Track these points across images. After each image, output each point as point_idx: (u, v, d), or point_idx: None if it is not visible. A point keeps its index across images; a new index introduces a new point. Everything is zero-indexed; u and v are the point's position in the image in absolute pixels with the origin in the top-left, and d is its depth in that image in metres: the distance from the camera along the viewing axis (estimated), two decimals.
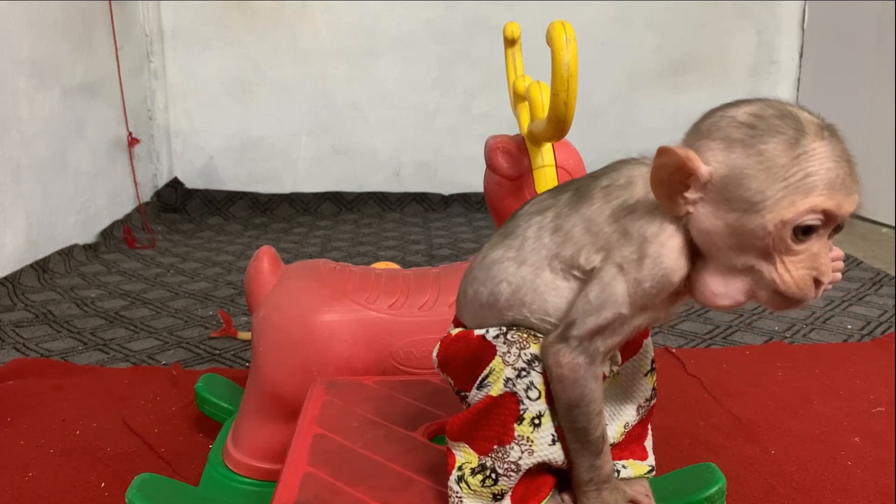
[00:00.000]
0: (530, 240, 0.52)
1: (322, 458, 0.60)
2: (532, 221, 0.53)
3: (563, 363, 0.50)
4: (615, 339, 0.50)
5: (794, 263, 0.44)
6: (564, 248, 0.51)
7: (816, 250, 0.44)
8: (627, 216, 0.48)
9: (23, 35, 1.77)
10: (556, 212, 0.52)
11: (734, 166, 0.44)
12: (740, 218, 0.44)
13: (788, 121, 0.44)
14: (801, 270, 0.45)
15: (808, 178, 0.43)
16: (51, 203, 1.87)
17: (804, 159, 0.43)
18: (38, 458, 0.94)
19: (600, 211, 0.50)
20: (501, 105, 1.25)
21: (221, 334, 1.37)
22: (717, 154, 0.45)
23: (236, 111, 2.55)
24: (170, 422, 1.03)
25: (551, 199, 0.53)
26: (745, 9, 2.58)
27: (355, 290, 0.81)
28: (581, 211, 0.51)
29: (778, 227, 0.43)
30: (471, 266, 0.57)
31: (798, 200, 0.43)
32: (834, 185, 0.43)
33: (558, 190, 0.54)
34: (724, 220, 0.45)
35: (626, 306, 0.48)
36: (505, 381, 0.52)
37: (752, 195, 0.43)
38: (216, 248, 2.08)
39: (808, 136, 0.43)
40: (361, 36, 2.53)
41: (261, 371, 0.82)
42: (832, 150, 0.43)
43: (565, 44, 0.62)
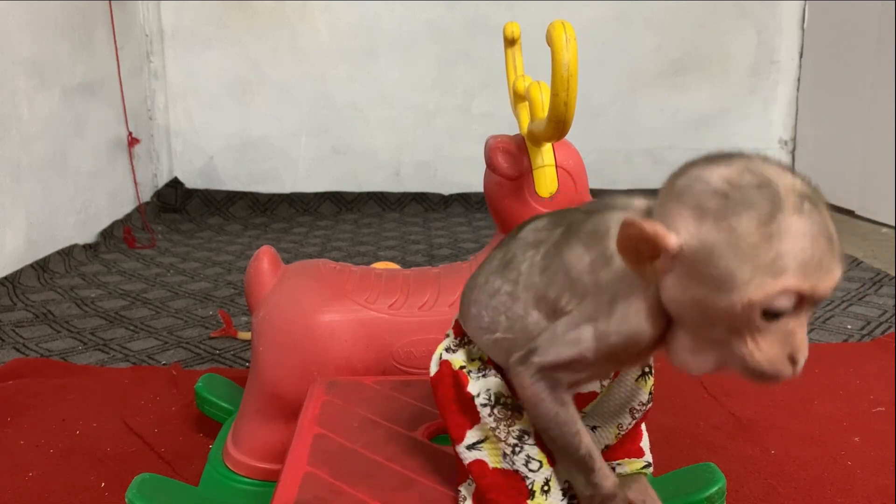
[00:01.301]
0: (524, 275, 0.52)
1: (322, 458, 0.60)
2: (527, 255, 0.52)
3: (525, 386, 0.50)
4: (578, 376, 0.49)
5: (765, 341, 0.42)
6: (549, 289, 0.50)
7: (791, 328, 0.42)
8: (603, 269, 0.47)
9: (23, 35, 1.77)
10: (547, 249, 0.51)
11: (704, 240, 0.41)
12: (708, 295, 0.41)
13: (765, 191, 0.40)
14: (774, 349, 0.42)
15: (780, 259, 0.39)
16: (51, 203, 1.87)
17: (777, 239, 0.39)
18: (38, 458, 0.94)
19: (581, 258, 0.49)
20: (501, 105, 1.25)
21: (221, 334, 1.37)
22: (688, 224, 0.42)
23: (236, 111, 2.55)
24: (170, 422, 1.03)
25: (546, 232, 0.52)
26: (745, 9, 2.58)
27: (355, 290, 0.81)
28: (565, 255, 0.50)
29: (746, 309, 0.40)
30: (474, 282, 0.57)
31: (768, 282, 0.39)
32: (808, 266, 0.40)
33: (555, 221, 0.53)
34: (692, 295, 0.42)
35: (590, 351, 0.47)
36: (503, 456, 0.53)
37: (720, 273, 0.40)
38: (216, 247, 2.08)
39: (784, 212, 0.40)
40: (361, 36, 2.53)
41: (261, 371, 0.82)
42: (810, 227, 0.40)
43: (565, 44, 0.62)
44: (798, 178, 0.42)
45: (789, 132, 2.67)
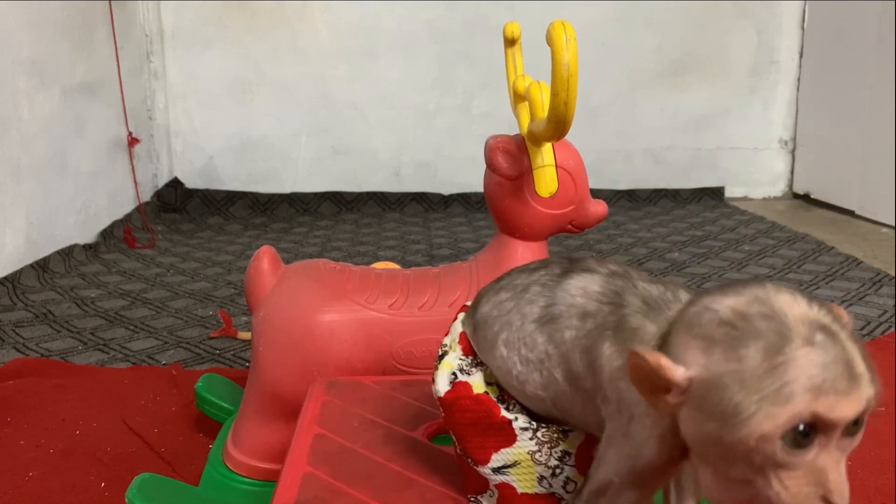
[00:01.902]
0: (566, 344, 0.48)
1: (322, 458, 0.60)
2: (573, 324, 0.48)
3: None
4: (622, 499, 0.46)
5: (792, 479, 0.38)
6: (587, 376, 0.47)
7: (822, 464, 0.37)
8: (622, 380, 0.44)
9: (23, 35, 1.77)
10: (591, 329, 0.47)
11: (713, 372, 0.38)
12: (721, 430, 0.38)
13: (773, 323, 0.38)
14: (803, 488, 0.38)
15: (786, 387, 0.37)
16: (51, 203, 1.87)
17: (783, 369, 0.37)
18: (38, 458, 0.94)
19: (615, 360, 0.45)
20: (501, 105, 1.25)
21: (221, 334, 1.37)
22: (696, 356, 0.39)
23: (236, 111, 2.55)
24: (170, 422, 1.03)
25: (596, 305, 0.48)
26: (745, 9, 2.58)
27: (355, 289, 0.81)
28: (604, 347, 0.46)
29: (760, 442, 0.37)
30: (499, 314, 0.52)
31: (776, 411, 0.36)
32: (820, 389, 0.37)
33: (607, 294, 0.48)
34: (706, 431, 0.39)
35: (615, 475, 0.45)
36: (539, 479, 0.51)
37: (727, 407, 0.37)
38: (216, 247, 2.08)
39: (792, 343, 0.37)
40: (361, 36, 2.53)
41: (261, 371, 0.82)
42: (822, 357, 0.37)
43: (565, 43, 0.62)
44: (815, 305, 0.39)
45: (789, 132, 2.67)
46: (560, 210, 0.80)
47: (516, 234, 0.82)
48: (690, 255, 1.91)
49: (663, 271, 1.77)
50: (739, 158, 2.68)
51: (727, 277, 1.71)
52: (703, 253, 1.93)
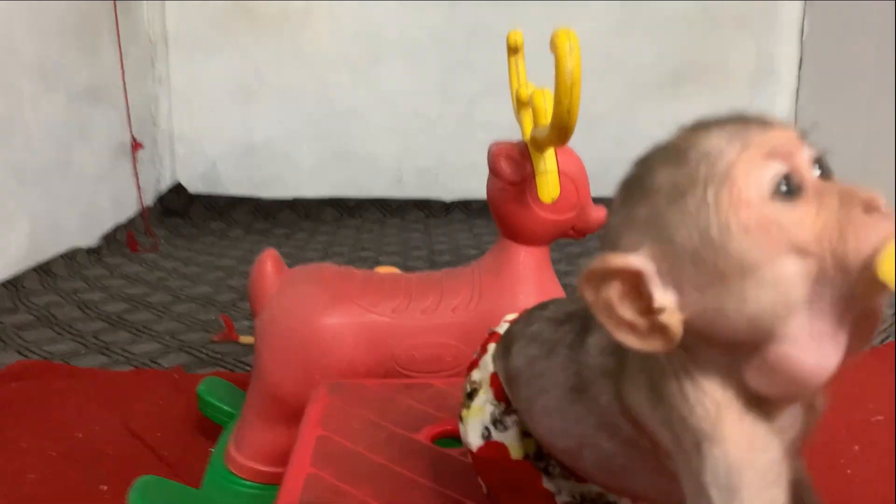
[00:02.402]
0: (603, 410, 0.40)
1: (325, 459, 0.60)
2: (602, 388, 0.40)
3: None
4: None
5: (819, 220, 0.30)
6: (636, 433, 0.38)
7: (821, 190, 0.31)
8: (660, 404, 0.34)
9: (29, 40, 1.78)
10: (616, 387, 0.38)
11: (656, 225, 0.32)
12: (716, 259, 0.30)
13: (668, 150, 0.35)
14: (834, 213, 0.31)
15: (709, 158, 0.32)
16: (54, 206, 1.88)
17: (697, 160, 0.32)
18: (40, 460, 0.94)
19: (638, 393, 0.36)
20: (503, 113, 1.25)
21: (223, 338, 1.37)
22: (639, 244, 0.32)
23: (239, 116, 2.56)
24: (171, 425, 1.03)
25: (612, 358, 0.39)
26: (744, 20, 2.59)
27: (358, 293, 0.82)
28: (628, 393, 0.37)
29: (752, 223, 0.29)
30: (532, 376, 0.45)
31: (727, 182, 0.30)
32: (740, 134, 0.32)
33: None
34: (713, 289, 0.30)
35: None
36: None
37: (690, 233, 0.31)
38: (218, 252, 2.08)
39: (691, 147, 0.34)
40: (364, 42, 2.54)
41: (263, 374, 0.82)
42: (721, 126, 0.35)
43: (569, 51, 0.63)
44: None
45: None
46: (562, 216, 0.81)
47: (518, 239, 0.82)
48: None
49: None
50: None
51: None
52: None
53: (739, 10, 2.58)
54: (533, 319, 0.47)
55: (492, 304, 0.81)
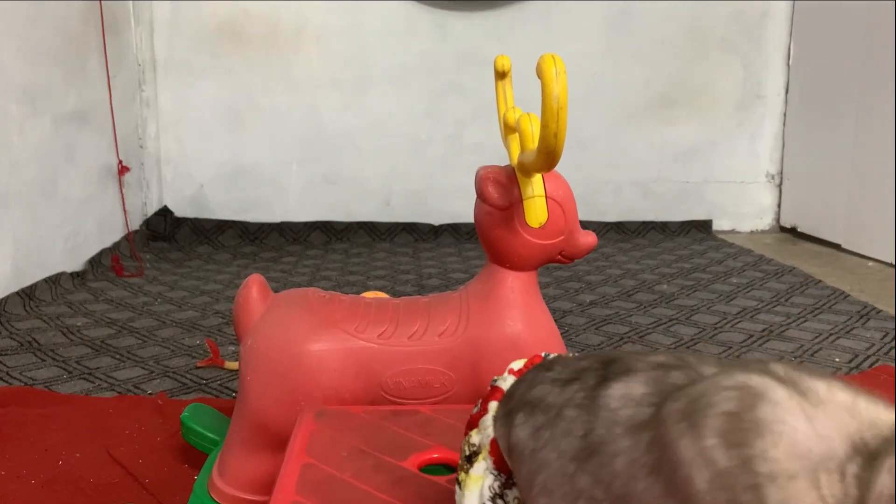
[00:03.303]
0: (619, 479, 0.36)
1: (310, 487, 0.59)
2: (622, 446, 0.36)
3: None
4: None
5: None
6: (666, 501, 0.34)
7: None
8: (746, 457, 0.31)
9: (16, 62, 1.77)
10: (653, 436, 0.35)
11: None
12: None
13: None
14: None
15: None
16: (39, 230, 1.86)
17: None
18: (20, 488, 0.92)
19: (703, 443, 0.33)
20: (492, 136, 1.26)
21: (208, 364, 1.36)
22: None
23: (227, 140, 2.56)
24: (155, 452, 1.02)
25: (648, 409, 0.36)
26: (732, 44, 2.62)
27: (344, 319, 0.81)
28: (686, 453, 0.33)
29: None
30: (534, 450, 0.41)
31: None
32: None
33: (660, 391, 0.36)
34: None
35: None
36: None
37: None
38: (204, 276, 2.07)
39: None
40: (354, 66, 2.55)
41: (248, 400, 0.81)
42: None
43: (555, 76, 0.63)
44: None
45: (776, 166, 2.70)
46: (550, 240, 0.80)
47: (506, 264, 0.82)
48: (679, 286, 1.92)
49: (651, 303, 1.77)
50: (727, 192, 2.70)
51: (716, 309, 1.71)
52: (691, 285, 1.94)
53: (726, 33, 2.61)
54: (536, 382, 0.43)
55: (479, 329, 0.80)
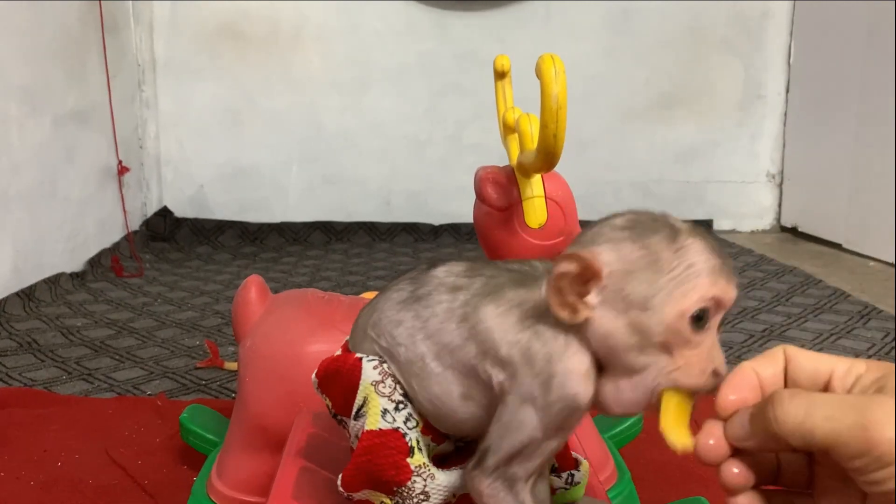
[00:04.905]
0: (437, 318, 0.50)
1: (307, 490, 0.59)
2: (443, 298, 0.51)
3: (482, 491, 0.48)
4: (533, 463, 0.48)
5: (694, 356, 0.44)
6: (467, 346, 0.49)
7: (710, 343, 0.45)
8: (530, 328, 0.47)
9: (15, 63, 1.77)
10: (467, 299, 0.50)
11: (625, 263, 0.44)
12: (639, 315, 0.44)
13: (661, 222, 0.45)
14: (701, 363, 0.44)
15: (692, 267, 0.43)
16: (38, 230, 1.86)
17: (684, 252, 0.44)
18: (18, 490, 0.92)
19: (503, 318, 0.48)
20: (492, 136, 1.25)
21: (208, 364, 1.36)
22: (607, 255, 0.45)
23: (227, 140, 2.55)
24: (154, 453, 1.01)
25: (465, 279, 0.51)
26: (732, 45, 2.62)
27: (343, 319, 0.81)
28: (488, 309, 0.49)
29: (676, 319, 0.43)
30: (376, 310, 0.55)
31: (688, 290, 0.43)
32: (716, 272, 0.44)
33: (473, 270, 0.52)
34: (625, 320, 0.44)
35: (538, 431, 0.47)
36: (382, 413, 0.51)
37: (646, 290, 0.44)
38: (204, 277, 2.07)
39: (682, 234, 0.45)
40: (353, 67, 2.55)
41: (247, 402, 0.81)
42: (706, 245, 0.45)
43: (555, 76, 0.62)
44: (683, 220, 0.47)
45: (777, 166, 2.69)
46: (549, 241, 0.80)
47: None
48: None
49: None
50: (727, 192, 2.70)
51: None
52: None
53: (726, 34, 2.61)
54: (376, 308, 0.55)
55: None
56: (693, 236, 0.45)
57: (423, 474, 0.51)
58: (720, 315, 0.45)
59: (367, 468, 0.51)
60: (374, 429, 0.51)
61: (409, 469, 0.51)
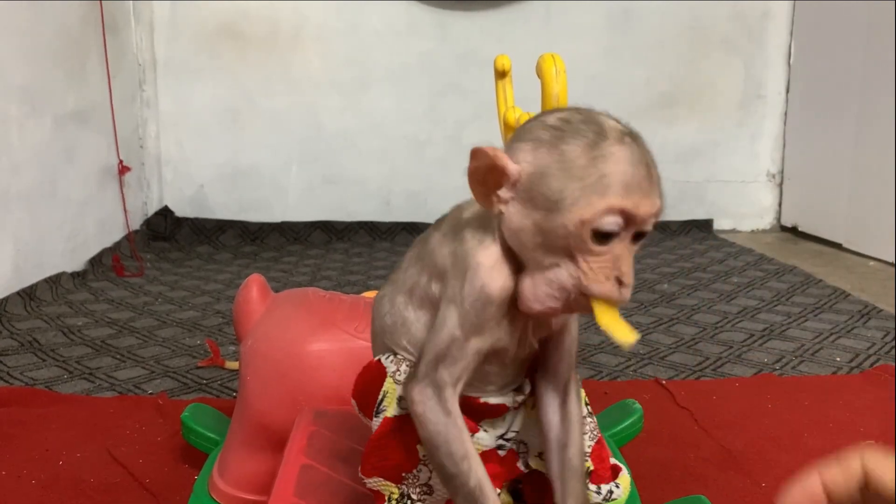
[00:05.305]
0: (401, 272, 0.55)
1: (309, 489, 0.59)
2: (406, 255, 0.56)
3: (413, 398, 0.49)
4: (458, 367, 0.49)
5: (596, 263, 0.45)
6: (421, 277, 0.53)
7: (619, 252, 0.45)
8: (457, 238, 0.51)
9: (16, 63, 1.77)
10: (421, 245, 0.55)
11: (539, 165, 0.46)
12: (545, 217, 0.45)
13: (591, 126, 0.46)
14: (604, 271, 0.45)
15: (604, 178, 0.44)
16: (39, 230, 1.86)
17: (601, 161, 0.44)
18: (20, 489, 0.92)
19: (442, 237, 0.52)
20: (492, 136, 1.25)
21: (209, 364, 1.36)
22: (526, 154, 0.46)
23: (227, 140, 2.55)
24: (155, 452, 1.02)
25: (423, 234, 0.56)
26: (733, 44, 2.62)
27: (344, 319, 0.81)
28: (431, 240, 0.53)
29: (577, 227, 0.44)
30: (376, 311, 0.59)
31: (595, 200, 0.44)
32: (630, 187, 0.44)
33: (433, 224, 0.57)
34: (532, 219, 0.46)
35: (456, 328, 0.49)
36: (399, 400, 0.52)
37: (553, 194, 0.45)
38: (205, 276, 2.07)
39: (607, 140, 0.45)
40: (353, 67, 2.55)
41: (248, 401, 0.81)
42: (630, 155, 0.45)
43: (555, 76, 0.63)
44: (621, 123, 0.47)
45: (777, 165, 2.69)
46: None
47: None
48: (679, 286, 1.92)
49: (652, 302, 1.77)
50: (727, 191, 2.70)
51: (716, 309, 1.71)
52: (692, 285, 1.94)
53: (727, 33, 2.61)
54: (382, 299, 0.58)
55: None
56: (618, 144, 0.45)
57: (430, 465, 0.51)
58: (633, 228, 0.45)
59: (379, 452, 0.52)
60: (390, 416, 0.52)
61: (417, 455, 0.51)
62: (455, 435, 0.49)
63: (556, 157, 0.45)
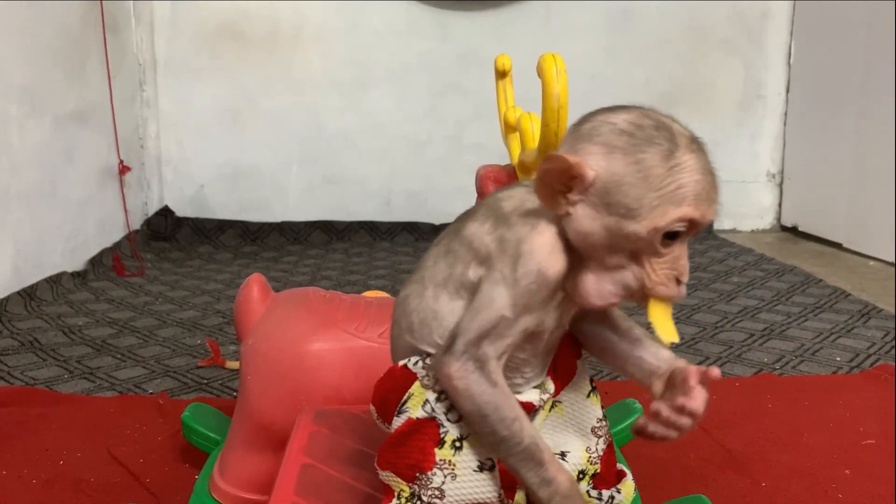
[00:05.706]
0: (428, 269, 0.55)
1: (310, 488, 0.59)
2: (430, 253, 0.56)
3: (451, 374, 0.50)
4: (503, 343, 0.50)
5: (659, 265, 0.48)
6: (455, 267, 0.53)
7: (678, 253, 0.48)
8: (504, 224, 0.51)
9: (16, 63, 1.77)
10: (449, 238, 0.55)
11: (614, 172, 0.47)
12: (617, 222, 0.47)
13: (663, 132, 0.48)
14: (666, 271, 0.48)
15: (680, 189, 0.46)
16: (39, 230, 1.86)
17: (677, 171, 0.46)
18: (20, 488, 0.92)
19: (481, 226, 0.53)
20: (492, 136, 1.26)
21: (209, 363, 1.36)
22: (598, 159, 0.48)
23: (228, 140, 2.56)
24: (156, 452, 1.02)
25: (446, 231, 0.57)
26: (733, 45, 2.62)
27: (345, 318, 0.81)
28: (466, 230, 0.54)
29: (650, 233, 0.46)
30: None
31: (670, 210, 0.46)
32: (700, 197, 0.47)
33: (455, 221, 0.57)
34: (602, 223, 0.48)
35: (507, 308, 0.50)
36: (423, 403, 0.53)
37: (631, 202, 0.46)
38: (205, 276, 2.07)
39: (680, 149, 0.47)
40: (354, 67, 2.55)
41: (248, 400, 0.81)
42: (700, 163, 0.47)
43: (556, 75, 0.63)
44: (685, 127, 0.50)
45: (777, 165, 2.69)
46: None
47: None
48: None
49: None
50: (727, 191, 2.66)
51: (717, 309, 1.71)
52: (692, 285, 1.94)
53: (727, 33, 2.61)
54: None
55: None
56: (690, 153, 0.47)
57: (445, 470, 0.52)
58: (694, 231, 0.48)
59: (397, 449, 0.53)
60: (413, 417, 0.53)
61: (433, 458, 0.51)
62: (503, 401, 0.50)
63: (632, 165, 0.47)
